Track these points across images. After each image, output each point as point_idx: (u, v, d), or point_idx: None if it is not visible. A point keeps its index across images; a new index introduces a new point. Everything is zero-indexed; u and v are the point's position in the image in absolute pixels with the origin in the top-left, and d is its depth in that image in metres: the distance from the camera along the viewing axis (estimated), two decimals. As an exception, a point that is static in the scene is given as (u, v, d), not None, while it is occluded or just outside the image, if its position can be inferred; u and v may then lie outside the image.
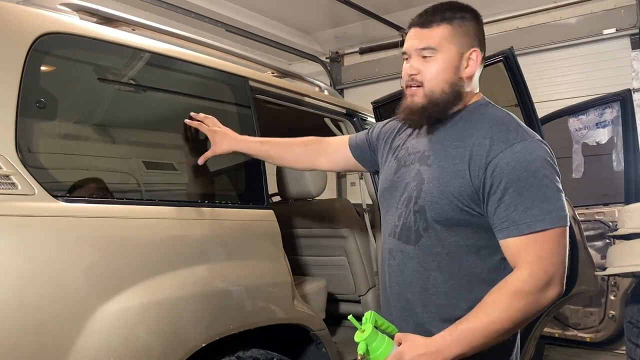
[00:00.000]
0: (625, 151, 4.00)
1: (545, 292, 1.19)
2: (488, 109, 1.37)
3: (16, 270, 1.29)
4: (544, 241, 1.19)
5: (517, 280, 1.20)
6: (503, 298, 1.19)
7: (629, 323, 3.00)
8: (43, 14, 1.61)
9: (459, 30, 1.32)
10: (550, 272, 1.19)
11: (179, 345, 1.57)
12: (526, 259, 1.20)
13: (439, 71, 1.31)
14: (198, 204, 1.86)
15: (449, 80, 1.32)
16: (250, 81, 2.20)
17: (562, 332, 4.18)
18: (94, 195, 1.57)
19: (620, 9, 5.22)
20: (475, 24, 1.35)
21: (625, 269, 2.84)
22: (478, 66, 1.35)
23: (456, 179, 1.27)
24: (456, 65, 1.32)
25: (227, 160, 2.16)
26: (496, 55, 2.57)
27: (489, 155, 1.24)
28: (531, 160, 1.22)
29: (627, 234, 2.86)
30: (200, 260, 1.72)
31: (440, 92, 1.32)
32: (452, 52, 1.31)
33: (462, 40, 1.32)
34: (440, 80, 1.31)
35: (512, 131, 1.27)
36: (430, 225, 1.31)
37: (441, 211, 1.29)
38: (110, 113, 1.78)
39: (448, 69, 1.31)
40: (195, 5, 5.08)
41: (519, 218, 1.20)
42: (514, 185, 1.21)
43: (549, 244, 1.20)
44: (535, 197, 1.20)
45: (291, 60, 7.04)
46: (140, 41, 1.83)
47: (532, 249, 1.19)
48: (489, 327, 1.18)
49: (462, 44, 1.32)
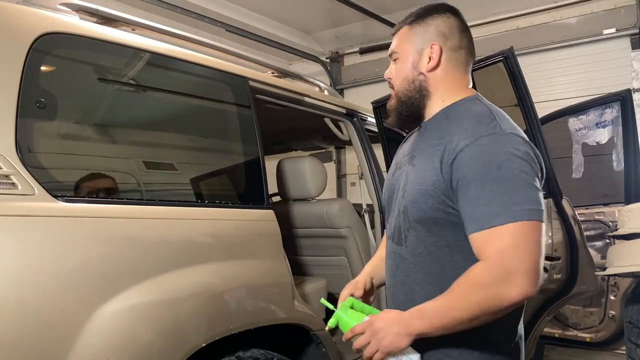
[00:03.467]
0: (625, 151, 4.00)
1: (504, 289, 1.13)
2: (472, 104, 1.34)
3: (16, 270, 1.29)
4: (503, 236, 1.14)
5: (475, 272, 1.17)
6: (462, 287, 1.17)
7: (629, 323, 3.00)
8: (43, 14, 1.61)
9: (416, 29, 1.37)
10: (510, 268, 1.13)
11: (179, 345, 1.57)
12: (486, 253, 1.17)
13: (400, 70, 1.39)
14: (198, 204, 1.86)
15: (408, 77, 1.37)
16: (250, 81, 2.20)
17: (562, 332, 4.18)
18: (94, 195, 1.57)
19: (620, 9, 5.22)
20: (441, 20, 1.36)
21: (625, 269, 2.84)
22: (443, 59, 1.35)
23: (432, 176, 1.26)
24: (414, 61, 1.36)
25: (227, 160, 2.17)
26: (496, 55, 2.57)
27: (455, 150, 1.23)
28: (496, 153, 1.19)
29: (627, 234, 2.85)
30: (201, 260, 1.72)
31: (404, 90, 1.38)
32: (409, 51, 1.37)
33: (420, 37, 1.36)
34: (402, 78, 1.38)
35: (483, 125, 1.24)
36: (412, 226, 1.31)
37: (420, 210, 1.28)
38: (110, 113, 1.78)
39: (407, 66, 1.37)
40: (195, 5, 5.08)
41: (480, 213, 1.17)
42: (476, 179, 1.19)
43: (509, 239, 1.14)
44: (496, 190, 1.16)
45: (291, 60, 7.04)
46: (140, 41, 1.83)
47: (491, 243, 1.16)
48: (447, 312, 1.17)
49: (420, 41, 1.36)
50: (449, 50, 1.36)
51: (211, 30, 5.35)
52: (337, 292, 3.15)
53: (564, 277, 2.47)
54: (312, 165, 2.80)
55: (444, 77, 1.36)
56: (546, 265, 2.46)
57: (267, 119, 2.37)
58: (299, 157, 2.91)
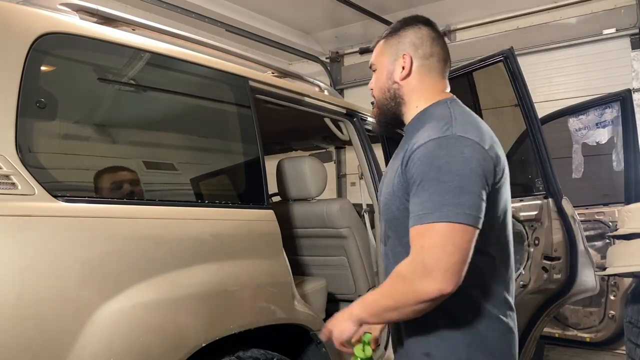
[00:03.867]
0: (625, 151, 4.01)
1: (421, 284, 1.18)
2: (439, 108, 1.38)
3: (16, 270, 1.29)
4: (429, 234, 1.20)
5: (401, 265, 1.25)
6: (391, 278, 1.28)
7: (629, 323, 3.00)
8: (43, 14, 1.61)
9: (391, 41, 1.47)
10: (428, 265, 1.18)
11: (179, 345, 1.57)
12: (413, 248, 1.24)
13: (377, 81, 1.49)
14: (198, 204, 1.86)
15: (384, 87, 1.47)
16: (250, 81, 2.19)
17: (562, 332, 4.18)
18: (94, 195, 1.57)
19: (620, 9, 5.22)
20: (412, 32, 1.45)
21: (625, 269, 2.84)
22: (414, 67, 1.42)
23: (396, 177, 1.35)
24: (389, 71, 1.45)
25: (227, 160, 2.16)
26: (496, 55, 2.57)
27: (411, 151, 1.30)
28: (440, 156, 1.23)
29: (627, 234, 2.86)
30: (201, 260, 1.72)
31: (382, 99, 1.48)
32: (384, 62, 1.47)
33: (393, 49, 1.45)
34: (379, 88, 1.48)
35: (437, 128, 1.29)
36: (388, 226, 1.42)
37: (390, 212, 1.38)
38: (110, 113, 1.78)
39: (383, 77, 1.47)
40: (195, 5, 5.08)
41: (417, 210, 1.24)
42: (420, 180, 1.25)
43: (433, 238, 1.19)
44: (432, 191, 1.22)
45: (291, 60, 7.05)
46: (140, 41, 1.83)
47: (417, 240, 1.23)
48: (378, 300, 1.30)
49: (393, 52, 1.45)
50: (420, 58, 1.43)
51: (211, 30, 5.35)
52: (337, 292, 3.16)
53: (564, 277, 2.47)
54: (312, 165, 2.80)
55: (417, 84, 1.44)
56: (546, 265, 2.46)
57: (267, 119, 2.37)
58: (299, 157, 2.91)
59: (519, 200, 2.63)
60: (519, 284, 2.54)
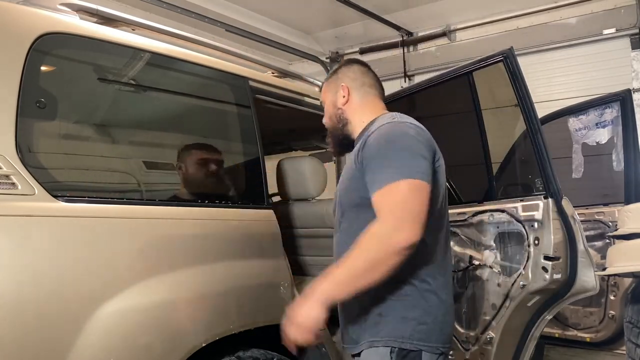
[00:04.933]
0: (625, 151, 4.00)
1: (395, 236, 1.32)
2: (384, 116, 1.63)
3: (16, 270, 1.29)
4: (393, 192, 1.37)
5: (372, 226, 1.36)
6: (360, 241, 1.36)
7: (629, 323, 2.99)
8: (43, 14, 1.61)
9: (330, 82, 1.81)
10: (398, 217, 1.34)
11: (179, 345, 1.57)
12: (380, 210, 1.39)
13: (326, 113, 1.82)
14: (198, 204, 1.86)
15: (332, 115, 1.79)
16: (250, 81, 2.19)
17: (562, 332, 4.18)
18: (94, 195, 1.57)
19: (620, 9, 5.22)
20: (346, 69, 1.79)
21: (625, 269, 2.84)
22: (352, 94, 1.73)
23: (352, 171, 1.56)
24: (333, 102, 1.78)
25: (228, 160, 2.16)
26: (496, 55, 2.57)
27: (364, 141, 1.53)
28: (390, 133, 1.48)
29: (627, 234, 2.85)
30: (201, 260, 1.72)
31: (331, 125, 1.80)
32: (329, 97, 1.80)
33: (333, 85, 1.79)
34: (328, 117, 1.81)
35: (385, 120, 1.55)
36: (347, 216, 1.59)
37: (350, 200, 1.57)
38: (110, 113, 1.78)
39: (329, 108, 1.80)
40: (195, 5, 5.08)
41: (377, 177, 1.42)
42: (375, 154, 1.46)
43: (398, 194, 1.37)
44: (387, 159, 1.43)
45: (291, 60, 7.04)
46: (140, 41, 1.83)
47: (383, 201, 1.39)
48: (349, 268, 1.35)
49: (333, 88, 1.78)
50: (356, 86, 1.75)
51: (211, 30, 5.35)
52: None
53: (564, 277, 2.46)
54: (312, 165, 2.80)
55: (358, 105, 1.73)
56: (546, 265, 2.46)
57: (267, 119, 2.37)
58: (299, 157, 2.91)
59: (519, 200, 2.63)
60: (519, 284, 2.54)
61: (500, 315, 2.63)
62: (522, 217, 2.59)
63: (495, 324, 2.64)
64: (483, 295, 2.71)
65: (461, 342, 2.81)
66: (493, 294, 2.66)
